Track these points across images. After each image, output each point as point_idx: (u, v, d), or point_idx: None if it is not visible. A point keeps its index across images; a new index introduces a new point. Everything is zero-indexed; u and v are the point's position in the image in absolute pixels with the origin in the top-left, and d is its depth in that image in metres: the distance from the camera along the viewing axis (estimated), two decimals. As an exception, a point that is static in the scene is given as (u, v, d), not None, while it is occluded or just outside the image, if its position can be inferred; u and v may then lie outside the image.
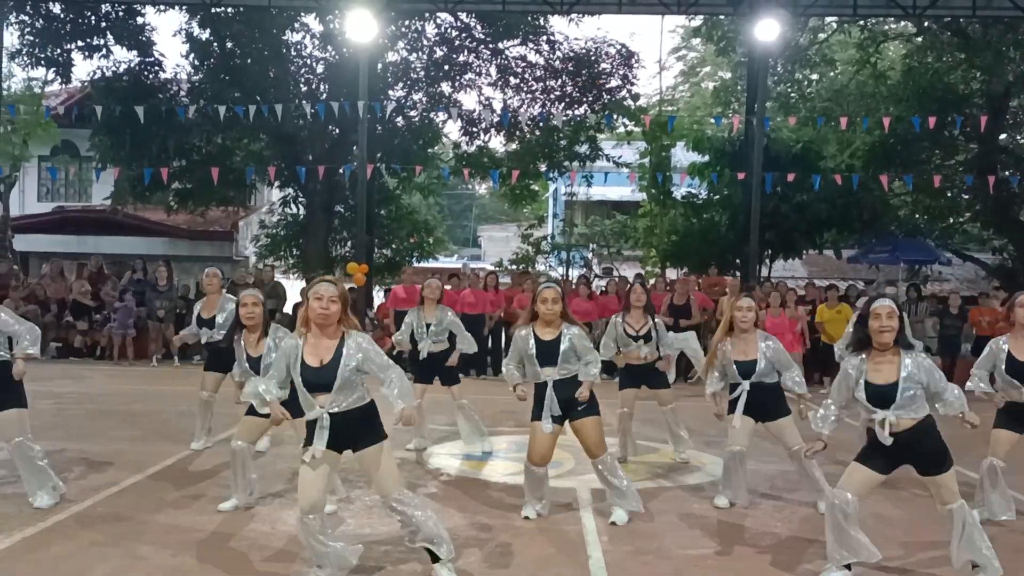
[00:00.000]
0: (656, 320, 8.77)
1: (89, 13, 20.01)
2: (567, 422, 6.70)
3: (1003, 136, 22.95)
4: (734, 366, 7.06)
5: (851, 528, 5.35)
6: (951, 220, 24.56)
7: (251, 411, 6.70)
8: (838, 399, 5.55)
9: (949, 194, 22.64)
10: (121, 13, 20.20)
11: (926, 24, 21.73)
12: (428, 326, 9.08)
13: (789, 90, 24.51)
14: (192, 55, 20.67)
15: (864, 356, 5.39)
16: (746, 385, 7.05)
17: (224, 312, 8.83)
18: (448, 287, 16.16)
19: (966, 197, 23.12)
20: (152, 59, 20.66)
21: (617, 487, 6.74)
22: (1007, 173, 20.65)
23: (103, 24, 20.20)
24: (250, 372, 6.97)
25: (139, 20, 20.53)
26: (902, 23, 23.77)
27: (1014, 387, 6.61)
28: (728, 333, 7.18)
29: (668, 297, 14.99)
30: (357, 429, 5.15)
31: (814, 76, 25.64)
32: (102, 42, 20.23)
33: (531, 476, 6.76)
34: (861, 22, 22.45)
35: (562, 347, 6.55)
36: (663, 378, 8.91)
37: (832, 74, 26.23)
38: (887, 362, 5.30)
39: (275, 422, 5.36)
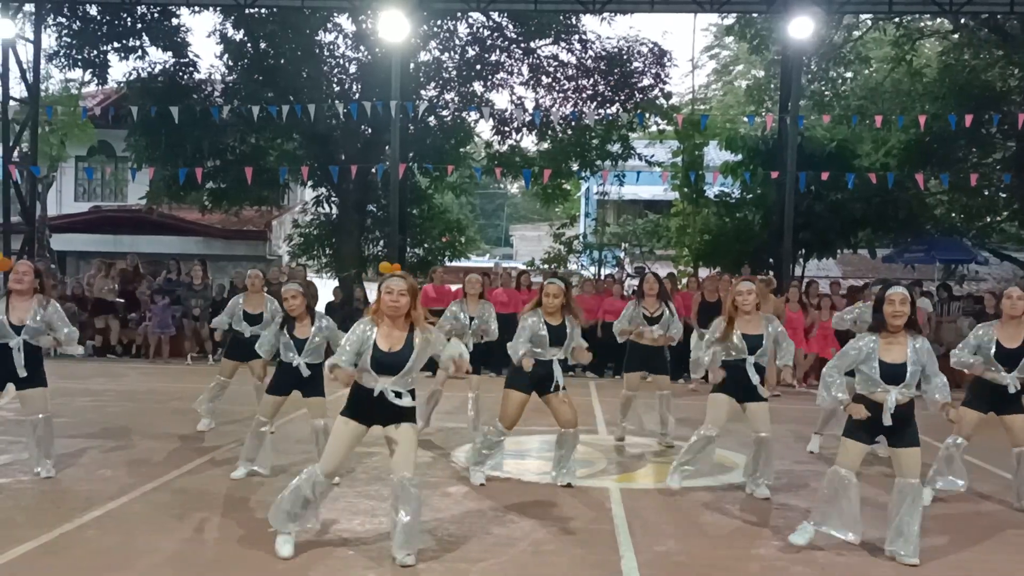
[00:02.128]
0: (670, 305, 9.54)
1: (125, 15, 20.21)
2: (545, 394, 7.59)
3: (1042, 134, 22.64)
4: (741, 340, 7.33)
5: (844, 501, 5.90)
6: (988, 219, 24.25)
7: (272, 391, 7.67)
8: (841, 367, 6.03)
9: (986, 192, 22.37)
10: (156, 15, 20.38)
11: (962, 21, 21.48)
12: (472, 320, 9.41)
13: (823, 88, 24.30)
14: (226, 56, 20.82)
15: (876, 337, 5.90)
16: (751, 360, 7.34)
17: (269, 310, 9.40)
18: (481, 286, 16.26)
19: (1003, 195, 22.82)
20: (187, 60, 20.84)
21: (570, 455, 7.70)
22: (1046, 171, 20.38)
23: (139, 25, 20.39)
24: (294, 351, 7.53)
25: (174, 21, 20.70)
26: (938, 20, 23.51)
27: (998, 370, 7.09)
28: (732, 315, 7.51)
29: (699, 295, 14.92)
30: (398, 407, 5.60)
31: (848, 74, 25.41)
32: (138, 43, 20.42)
33: (495, 436, 7.69)
34: (896, 19, 22.23)
35: (568, 331, 7.53)
36: (665, 364, 9.68)
37: (867, 72, 25.98)
38: (897, 343, 5.85)
39: (345, 384, 5.68)
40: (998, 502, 7.55)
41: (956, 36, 22.79)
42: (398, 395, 5.58)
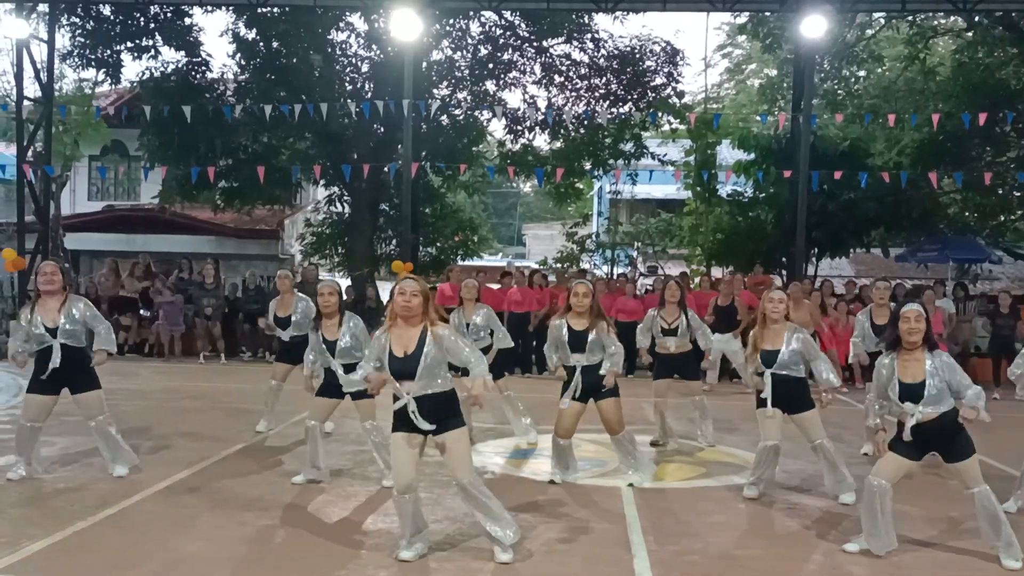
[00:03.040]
0: (689, 313, 9.40)
1: (138, 15, 20.24)
2: (592, 401, 7.61)
3: (1057, 132, 22.52)
4: (756, 357, 7.37)
5: (882, 512, 5.88)
6: (1002, 218, 24.15)
7: (321, 393, 7.61)
8: (877, 392, 6.14)
9: (1000, 191, 22.26)
10: (169, 14, 20.41)
11: (976, 19, 21.37)
12: (468, 325, 9.29)
13: (836, 87, 24.22)
14: (238, 55, 20.83)
15: (894, 355, 5.98)
16: (768, 375, 7.29)
17: (298, 311, 9.54)
18: (497, 286, 16.26)
19: (1017, 194, 22.71)
20: (199, 59, 20.86)
21: (633, 457, 7.86)
22: (1061, 170, 20.26)
23: (152, 25, 20.42)
24: (326, 353, 7.49)
25: (187, 21, 20.72)
26: (952, 18, 23.40)
27: None
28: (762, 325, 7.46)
29: (714, 299, 14.88)
30: (438, 413, 5.60)
31: (861, 73, 25.31)
32: (151, 43, 20.44)
33: (557, 448, 7.75)
34: (910, 18, 22.14)
35: (590, 338, 7.43)
36: (695, 369, 9.63)
37: (880, 70, 25.88)
38: (914, 360, 5.89)
39: (375, 391, 5.88)
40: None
41: (970, 34, 22.68)
42: (421, 410, 5.55)
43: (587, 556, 5.89)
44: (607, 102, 21.86)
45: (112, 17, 20.33)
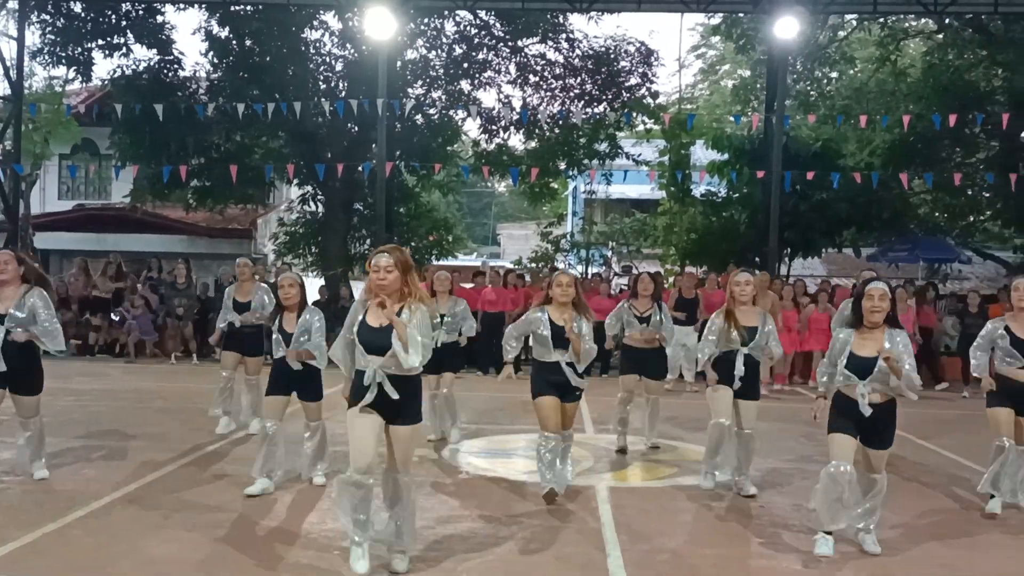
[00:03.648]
0: (662, 306, 9.19)
1: (109, 12, 20.10)
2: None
3: (1025, 133, 22.76)
4: (736, 332, 7.32)
5: (846, 494, 5.85)
6: (971, 218, 24.38)
7: (271, 392, 7.38)
8: (833, 363, 6.06)
9: (970, 192, 22.48)
10: (141, 12, 20.28)
11: (947, 21, 21.57)
12: (443, 317, 9.22)
13: (808, 88, 24.38)
14: (211, 53, 20.71)
15: (852, 331, 5.95)
16: (744, 351, 7.31)
17: (257, 297, 9.41)
18: (470, 285, 16.24)
19: (987, 195, 22.92)
20: (171, 57, 20.73)
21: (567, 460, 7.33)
22: (1029, 171, 20.46)
23: (123, 23, 20.28)
24: (281, 345, 7.30)
25: (159, 19, 20.60)
26: (922, 20, 23.61)
27: (1018, 360, 6.94)
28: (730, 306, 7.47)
29: (675, 292, 15.03)
30: (400, 401, 5.25)
31: (833, 74, 25.49)
32: (122, 41, 20.30)
33: (548, 443, 7.04)
34: (881, 19, 22.31)
35: (578, 323, 6.98)
36: (661, 369, 9.40)
37: (852, 72, 26.07)
38: (873, 338, 5.84)
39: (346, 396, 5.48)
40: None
41: (940, 36, 22.89)
42: (394, 385, 5.21)
43: (560, 555, 5.89)
44: (582, 102, 21.91)
45: (83, 14, 20.19)
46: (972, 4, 18.89)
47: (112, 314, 17.30)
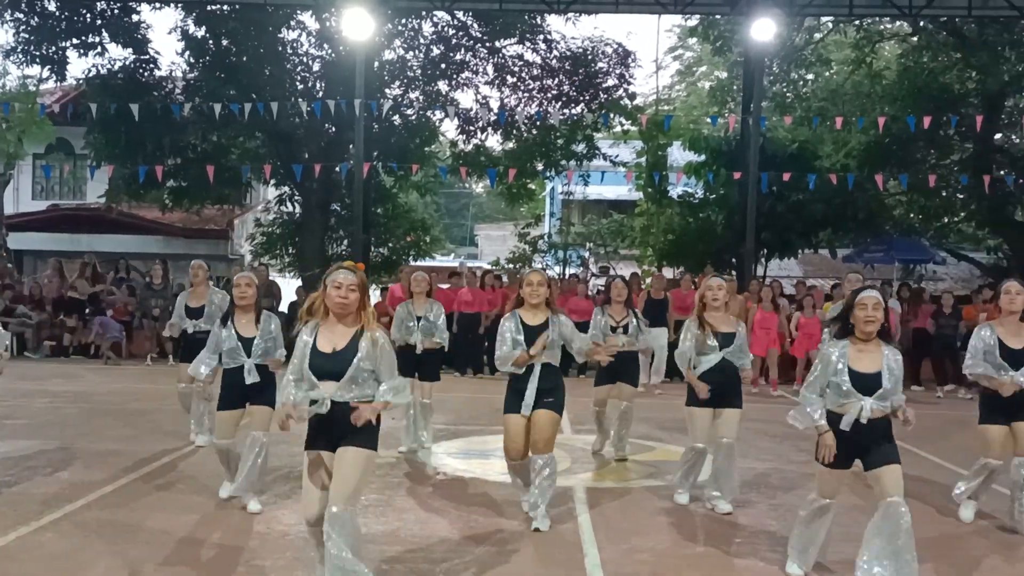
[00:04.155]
0: (637, 313, 9.04)
1: (84, 11, 19.92)
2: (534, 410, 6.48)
3: (998, 136, 22.94)
4: (712, 338, 7.05)
5: (817, 528, 5.53)
6: (946, 220, 24.55)
7: (223, 406, 6.90)
8: (820, 384, 5.41)
9: (944, 194, 22.64)
10: (116, 11, 20.12)
11: (922, 24, 21.73)
12: (419, 319, 9.01)
13: (785, 90, 24.49)
14: (187, 53, 20.57)
15: (845, 344, 5.37)
16: (718, 357, 7.04)
17: (212, 303, 8.96)
18: (446, 286, 16.22)
19: (961, 197, 23.10)
20: (147, 57, 20.57)
21: (538, 487, 6.46)
22: (1002, 173, 20.64)
23: (98, 22, 20.11)
24: (240, 352, 6.80)
25: (134, 18, 20.44)
26: (898, 23, 23.77)
27: (1004, 371, 6.50)
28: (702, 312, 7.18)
29: (644, 293, 15.10)
30: (353, 425, 4.80)
31: (810, 76, 25.62)
32: (97, 40, 20.12)
33: (516, 470, 6.70)
34: (857, 22, 22.44)
35: (550, 333, 6.47)
36: (634, 375, 9.16)
37: (828, 74, 26.21)
38: (869, 351, 5.31)
39: (285, 426, 4.97)
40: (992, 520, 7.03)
41: (915, 39, 23.05)
42: (337, 419, 4.81)
43: (539, 555, 5.90)
44: (559, 103, 21.95)
45: (57, 13, 20.01)
46: (946, 7, 19.03)
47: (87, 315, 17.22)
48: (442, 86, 22.33)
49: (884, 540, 5.09)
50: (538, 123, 21.98)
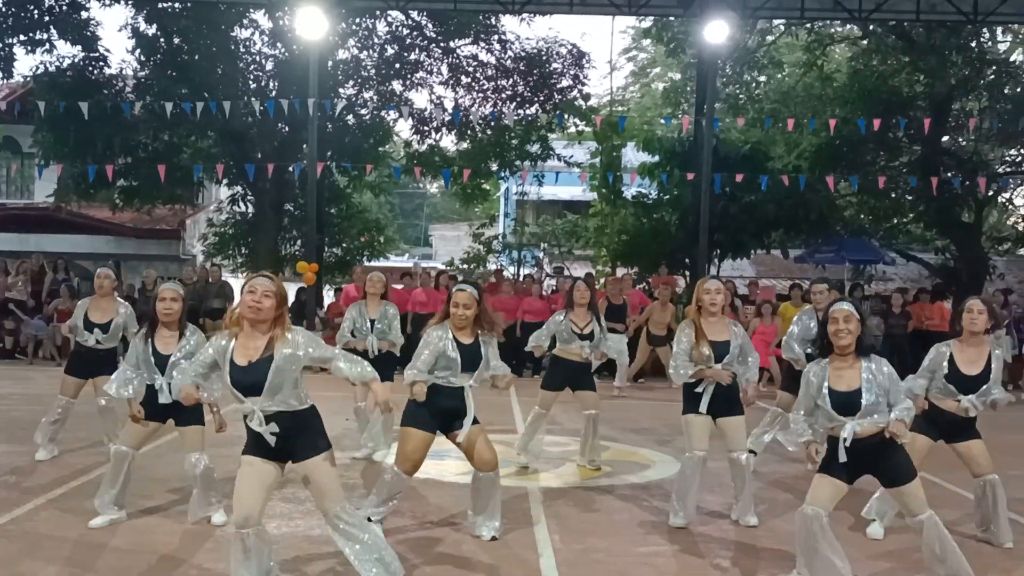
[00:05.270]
0: (600, 318, 8.62)
1: (32, 7, 19.58)
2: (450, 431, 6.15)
3: (945, 138, 23.31)
4: (708, 348, 6.61)
5: (823, 544, 5.11)
6: (895, 221, 24.91)
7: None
8: (805, 407, 5.36)
9: (893, 195, 22.96)
10: (65, 7, 19.81)
11: (871, 27, 22.03)
12: (372, 322, 8.74)
13: (738, 91, 24.70)
14: (138, 51, 20.32)
15: (826, 363, 5.27)
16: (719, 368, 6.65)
17: (119, 316, 8.21)
18: (400, 286, 16.16)
19: (910, 198, 23.44)
20: (97, 54, 20.27)
21: (491, 503, 6.26)
22: (949, 175, 20.99)
23: (46, 18, 19.78)
24: (155, 370, 6.37)
25: (83, 15, 20.13)
26: (848, 26, 24.09)
27: (950, 395, 6.24)
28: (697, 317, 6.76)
29: (603, 298, 14.84)
30: (295, 436, 4.79)
31: (762, 78, 25.86)
32: (45, 36, 19.81)
33: (396, 482, 6.13)
34: (808, 25, 22.71)
35: (483, 353, 6.15)
36: (590, 381, 8.65)
37: (780, 76, 26.49)
38: (848, 368, 5.19)
39: (187, 402, 4.90)
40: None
41: (865, 42, 23.36)
42: (276, 424, 4.73)
43: (494, 557, 5.90)
44: (514, 103, 21.98)
45: (3, 8, 19.63)
46: (895, 11, 19.30)
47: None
48: (396, 86, 22.29)
49: (931, 554, 5.20)
50: (492, 123, 22.00)
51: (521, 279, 19.66)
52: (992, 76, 21.82)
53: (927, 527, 5.17)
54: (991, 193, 22.79)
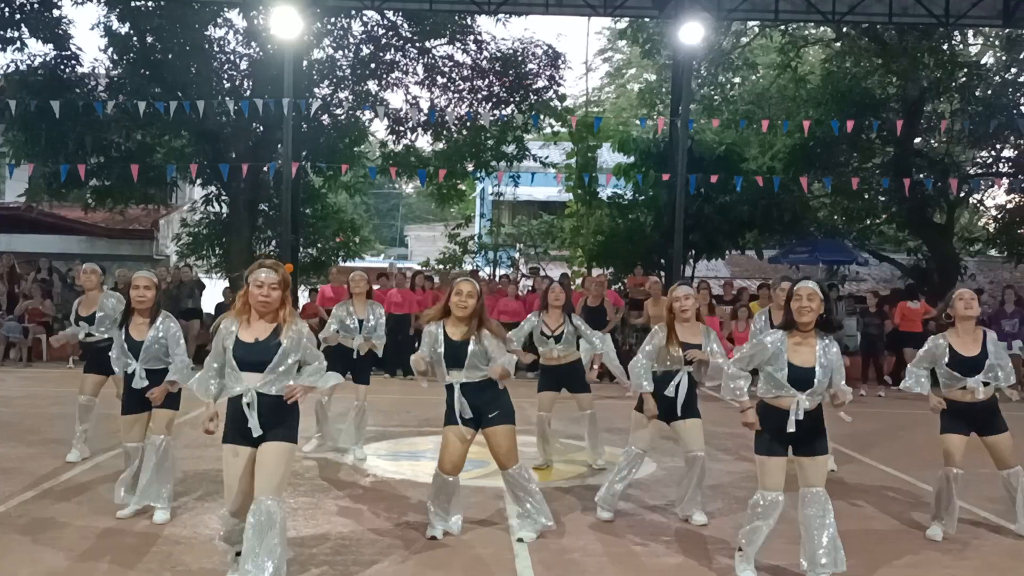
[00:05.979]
0: (574, 319, 8.52)
1: (3, 5, 19.39)
2: (479, 428, 6.20)
3: (918, 140, 23.49)
4: (679, 350, 6.67)
5: (769, 525, 5.46)
6: (868, 221, 25.06)
7: (127, 410, 6.71)
8: (747, 366, 5.55)
9: (866, 196, 23.11)
10: (36, 5, 19.60)
11: (844, 29, 22.19)
12: (361, 322, 8.84)
13: (712, 93, 24.81)
14: (111, 49, 20.13)
15: (784, 334, 5.44)
16: (686, 371, 6.72)
17: (104, 309, 8.21)
18: (376, 286, 16.11)
19: (882, 199, 23.61)
20: (69, 53, 20.07)
21: (526, 502, 6.31)
22: (921, 176, 21.13)
23: (17, 16, 19.57)
24: (128, 355, 6.56)
25: (55, 13, 19.94)
26: (821, 28, 24.26)
27: (956, 380, 6.45)
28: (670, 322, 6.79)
29: (582, 299, 14.84)
30: (275, 418, 4.95)
31: (737, 79, 26.00)
32: (16, 35, 19.60)
33: (441, 484, 6.18)
34: (782, 27, 22.83)
35: (470, 348, 6.06)
36: (583, 381, 8.63)
37: (754, 77, 26.64)
38: (806, 345, 5.38)
39: (206, 428, 5.06)
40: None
41: (838, 44, 23.53)
42: (270, 405, 4.91)
43: (469, 557, 5.89)
44: (489, 104, 21.98)
45: (-27, 6, 19.44)
46: (868, 14, 19.44)
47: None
48: (372, 86, 22.23)
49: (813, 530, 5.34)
50: (468, 124, 21.99)
51: (497, 279, 19.66)
52: (963, 78, 22.00)
53: (815, 496, 5.37)
54: (962, 194, 22.94)
